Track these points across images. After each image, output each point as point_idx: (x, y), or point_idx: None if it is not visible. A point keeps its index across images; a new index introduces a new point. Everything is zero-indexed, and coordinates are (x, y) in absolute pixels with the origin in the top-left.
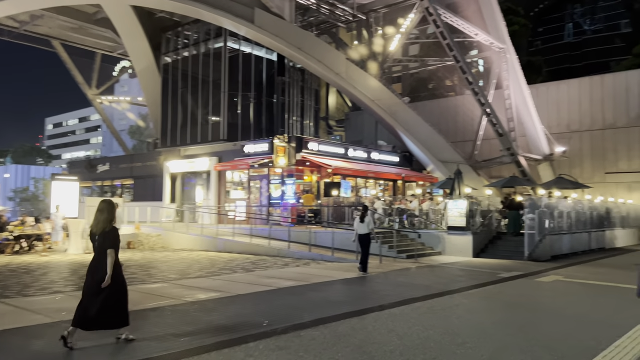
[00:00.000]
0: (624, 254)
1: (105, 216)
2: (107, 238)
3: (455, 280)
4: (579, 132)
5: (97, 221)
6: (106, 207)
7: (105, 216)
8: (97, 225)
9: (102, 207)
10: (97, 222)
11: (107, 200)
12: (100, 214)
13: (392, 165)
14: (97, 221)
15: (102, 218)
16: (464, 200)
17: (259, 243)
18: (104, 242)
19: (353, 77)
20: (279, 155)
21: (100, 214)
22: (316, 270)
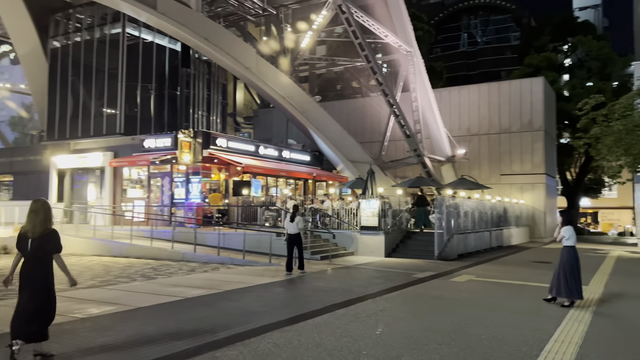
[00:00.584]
0: (520, 252)
1: (41, 217)
2: (49, 241)
3: (373, 282)
4: (478, 136)
5: (32, 224)
6: (41, 207)
7: (42, 217)
8: (33, 228)
9: (35, 208)
10: (32, 225)
11: (40, 200)
12: (35, 216)
13: (303, 164)
14: (33, 224)
15: (38, 220)
16: (377, 200)
17: (160, 247)
18: (46, 246)
19: (263, 73)
20: (183, 151)
21: (35, 215)
22: (227, 276)
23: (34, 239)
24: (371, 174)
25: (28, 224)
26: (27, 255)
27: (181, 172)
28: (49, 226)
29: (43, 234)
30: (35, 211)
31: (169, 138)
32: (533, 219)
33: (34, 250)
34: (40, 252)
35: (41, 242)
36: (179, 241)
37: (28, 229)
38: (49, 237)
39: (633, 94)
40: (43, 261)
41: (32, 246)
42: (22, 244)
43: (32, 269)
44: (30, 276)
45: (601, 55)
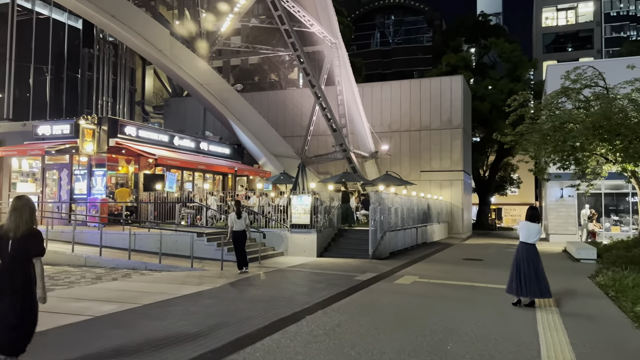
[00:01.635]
0: (445, 249)
1: (27, 216)
2: (33, 243)
3: (315, 288)
4: (399, 132)
5: (15, 224)
6: (24, 204)
7: (27, 216)
8: (16, 228)
9: (18, 206)
10: (16, 225)
11: (23, 197)
12: (19, 215)
13: (222, 157)
14: (16, 224)
15: (22, 219)
16: (309, 197)
17: (57, 249)
18: (28, 248)
19: (179, 57)
20: (86, 139)
21: (17, 214)
22: (143, 285)
23: (14, 240)
24: (302, 169)
25: (11, 224)
26: (6, 258)
27: (83, 164)
28: (34, 226)
29: (26, 234)
30: (19, 209)
31: (68, 125)
32: (451, 215)
33: (16, 253)
34: (23, 255)
35: (24, 243)
36: (80, 243)
37: (10, 228)
38: (32, 238)
39: (557, 92)
40: (24, 265)
41: (13, 248)
42: (1, 246)
43: (12, 273)
44: (10, 281)
45: (512, 57)
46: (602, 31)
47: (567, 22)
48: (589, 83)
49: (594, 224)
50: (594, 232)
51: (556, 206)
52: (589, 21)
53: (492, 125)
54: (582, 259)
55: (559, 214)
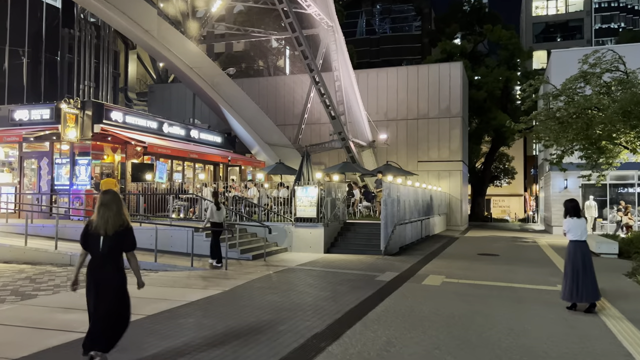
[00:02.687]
0: (452, 243)
1: (115, 211)
2: (125, 238)
3: (338, 291)
4: (396, 121)
5: (104, 219)
6: (113, 199)
7: (116, 211)
8: (105, 223)
9: (107, 201)
10: (105, 221)
11: (111, 192)
12: (107, 209)
13: (214, 146)
14: (105, 219)
15: (111, 214)
16: (315, 188)
17: (39, 247)
18: (121, 244)
19: (167, 38)
20: (68, 125)
21: (106, 209)
22: (152, 289)
23: (106, 237)
24: (307, 158)
25: (99, 220)
26: (98, 255)
27: (64, 152)
28: (124, 221)
29: (118, 230)
30: (107, 204)
31: (48, 109)
32: (450, 207)
33: (108, 249)
34: (115, 251)
35: (116, 240)
36: (63, 238)
37: (99, 225)
38: (124, 234)
39: (576, 76)
40: (116, 261)
41: (106, 244)
42: (91, 242)
43: (105, 270)
44: (104, 279)
45: (509, 45)
46: (592, 21)
47: (557, 12)
48: (609, 67)
49: (628, 216)
50: (628, 225)
51: (560, 197)
52: (579, 10)
53: (488, 114)
54: (603, 254)
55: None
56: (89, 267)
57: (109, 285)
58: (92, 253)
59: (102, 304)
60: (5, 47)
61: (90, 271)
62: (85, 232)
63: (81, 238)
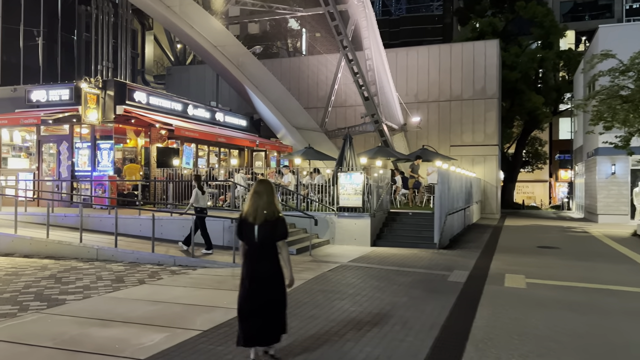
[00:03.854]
0: (499, 233)
1: (265, 200)
2: (278, 226)
3: (413, 296)
4: (427, 103)
5: (254, 208)
6: (265, 188)
7: (266, 200)
8: (255, 212)
9: (259, 190)
10: (255, 209)
11: (265, 181)
12: (258, 198)
13: (239, 130)
14: (255, 208)
15: (262, 203)
16: (361, 174)
17: (62, 239)
18: (274, 232)
19: (189, 15)
20: (89, 106)
21: (257, 198)
22: (183, 292)
23: (260, 226)
24: (349, 141)
25: (250, 208)
26: (253, 244)
27: (85, 136)
28: (276, 211)
29: (270, 219)
30: (259, 193)
31: (67, 89)
32: (485, 194)
33: (263, 238)
34: (269, 240)
35: (269, 228)
36: (86, 229)
37: (249, 213)
38: (276, 223)
39: None
40: (272, 249)
41: (260, 233)
42: (246, 232)
43: (261, 260)
44: (261, 267)
45: (545, 22)
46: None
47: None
48: None
49: None
50: None
51: (606, 184)
52: None
53: (522, 96)
54: None
55: (610, 192)
56: (245, 257)
57: (268, 274)
58: (248, 242)
59: (261, 293)
60: (20, 27)
61: (248, 261)
62: (239, 222)
63: (236, 228)
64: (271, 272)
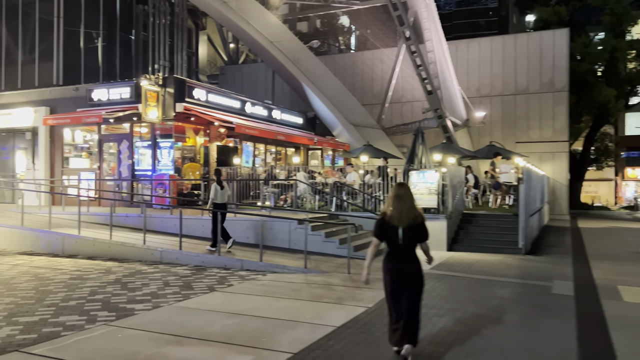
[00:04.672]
0: (580, 236)
1: (408, 204)
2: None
3: (524, 313)
4: (490, 97)
5: (398, 211)
6: (406, 192)
7: (409, 204)
8: (399, 215)
9: (401, 194)
10: (399, 212)
11: (404, 185)
12: (401, 202)
13: (295, 127)
14: (400, 211)
15: (405, 207)
16: (435, 172)
17: (126, 240)
18: (419, 235)
19: (245, 10)
20: (149, 104)
21: (400, 201)
22: (257, 300)
23: (404, 229)
24: (420, 137)
25: (394, 211)
26: (397, 246)
27: (145, 135)
28: (418, 214)
29: (414, 222)
30: (401, 197)
31: (128, 87)
32: (553, 194)
33: (407, 241)
34: (412, 242)
35: (413, 231)
36: (149, 230)
37: (394, 216)
38: (420, 226)
39: None
40: (414, 252)
41: (405, 237)
42: (388, 233)
43: (406, 261)
44: (406, 269)
45: (617, 9)
46: None
47: None
48: None
49: None
50: None
51: None
52: None
53: (592, 89)
54: None
55: None
56: (388, 259)
57: (412, 275)
58: (391, 245)
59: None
60: (81, 29)
61: (390, 263)
62: (380, 224)
63: (376, 229)
64: (415, 272)
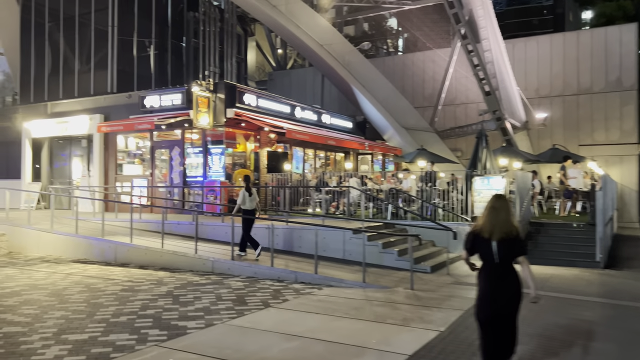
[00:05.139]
0: None
1: (504, 217)
2: (517, 243)
3: (623, 341)
4: (549, 98)
5: (492, 224)
6: (502, 205)
7: (504, 217)
8: (493, 228)
9: (497, 206)
10: (493, 225)
11: (501, 196)
12: (496, 214)
13: (345, 132)
14: (494, 224)
15: (500, 220)
16: (502, 178)
17: (177, 249)
18: (514, 249)
19: (295, 13)
20: (200, 110)
21: (495, 214)
22: (315, 319)
23: (499, 242)
24: (484, 140)
25: (487, 224)
26: (491, 261)
27: (196, 142)
28: (514, 228)
29: (509, 236)
30: (497, 209)
31: (179, 93)
32: (622, 200)
33: (503, 256)
34: (509, 258)
35: (508, 246)
36: (200, 238)
37: (487, 229)
38: (516, 240)
39: None
40: (511, 267)
41: (500, 251)
42: (480, 247)
43: (501, 278)
44: (501, 287)
45: None
46: None
47: None
48: None
49: None
50: None
51: None
52: None
53: None
54: None
55: None
56: (482, 275)
57: (509, 295)
58: (484, 259)
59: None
60: (134, 38)
61: (485, 279)
62: (471, 236)
63: (466, 242)
64: (512, 290)
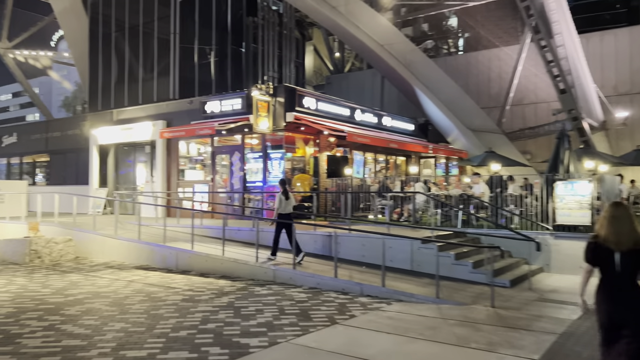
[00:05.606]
0: None
1: (629, 226)
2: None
3: None
4: (630, 95)
5: (616, 233)
6: (624, 213)
7: (629, 226)
8: (618, 237)
9: (618, 214)
10: (617, 235)
11: (621, 204)
12: (619, 223)
13: (406, 134)
14: (617, 233)
15: (625, 229)
16: (588, 183)
17: (238, 257)
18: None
19: (355, 14)
20: (260, 115)
21: (618, 222)
22: (388, 340)
23: (623, 254)
24: (565, 140)
25: (610, 234)
26: (612, 273)
27: (256, 146)
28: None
29: (634, 247)
30: (619, 217)
31: (239, 98)
32: None
33: (626, 268)
34: (633, 272)
35: (633, 258)
36: (260, 244)
37: (610, 239)
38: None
39: None
40: (636, 282)
41: (624, 263)
42: (602, 259)
43: (623, 292)
44: (624, 302)
45: None
46: None
47: None
48: None
49: None
50: None
51: None
52: None
53: None
54: None
55: None
56: (601, 291)
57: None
58: (604, 272)
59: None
60: (195, 45)
61: (604, 297)
62: (593, 247)
63: (587, 253)
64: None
